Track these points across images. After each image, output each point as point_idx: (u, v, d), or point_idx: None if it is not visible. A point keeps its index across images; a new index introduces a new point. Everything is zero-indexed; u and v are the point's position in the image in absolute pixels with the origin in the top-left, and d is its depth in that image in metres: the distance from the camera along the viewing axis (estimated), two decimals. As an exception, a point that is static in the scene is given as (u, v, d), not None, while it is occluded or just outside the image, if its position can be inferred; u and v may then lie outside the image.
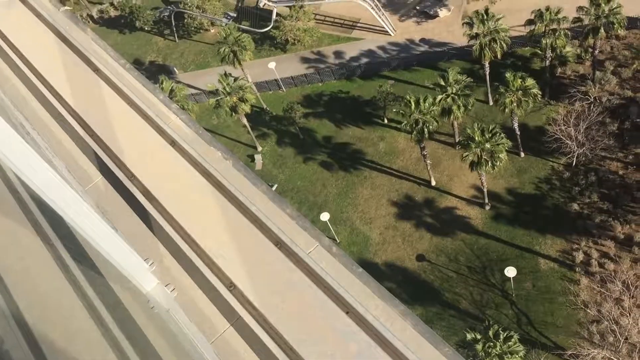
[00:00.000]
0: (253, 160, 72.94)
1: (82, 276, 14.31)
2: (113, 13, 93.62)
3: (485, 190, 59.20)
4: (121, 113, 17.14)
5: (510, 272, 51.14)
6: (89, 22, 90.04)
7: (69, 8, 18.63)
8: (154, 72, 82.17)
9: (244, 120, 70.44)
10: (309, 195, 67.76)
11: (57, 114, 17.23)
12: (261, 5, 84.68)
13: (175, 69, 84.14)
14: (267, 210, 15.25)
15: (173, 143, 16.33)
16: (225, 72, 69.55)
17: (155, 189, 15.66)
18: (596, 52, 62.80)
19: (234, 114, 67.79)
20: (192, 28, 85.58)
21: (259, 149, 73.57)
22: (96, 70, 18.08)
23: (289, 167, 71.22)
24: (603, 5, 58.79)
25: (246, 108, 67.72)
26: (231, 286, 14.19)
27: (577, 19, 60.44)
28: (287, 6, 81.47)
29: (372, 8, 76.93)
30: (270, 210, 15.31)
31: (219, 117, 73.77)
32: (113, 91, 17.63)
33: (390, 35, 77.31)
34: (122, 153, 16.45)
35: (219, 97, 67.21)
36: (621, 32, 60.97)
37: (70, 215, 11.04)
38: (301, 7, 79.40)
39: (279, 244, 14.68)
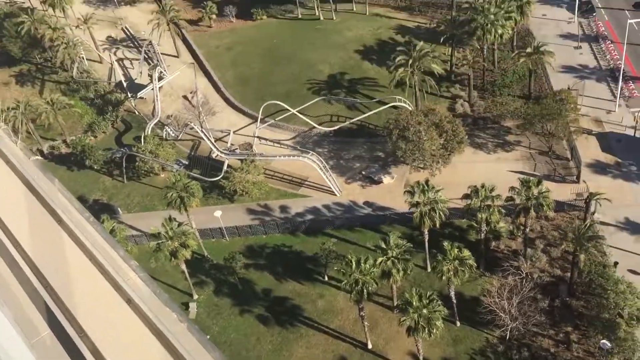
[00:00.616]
0: (187, 308, 71.01)
1: None
2: (64, 150, 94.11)
3: (421, 357, 59.03)
4: (79, 266, 17.06)
5: None
6: (37, 156, 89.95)
7: (39, 157, 19.16)
8: (97, 210, 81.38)
9: (183, 267, 69.54)
10: (242, 349, 65.77)
11: (11, 261, 16.97)
12: (214, 155, 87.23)
13: (119, 209, 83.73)
14: (219, 379, 15.00)
15: (129, 301, 16.21)
16: (170, 216, 69.75)
17: (105, 348, 15.23)
18: (527, 230, 66.57)
19: (173, 259, 67.03)
20: (143, 171, 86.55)
21: (195, 297, 72.02)
22: (59, 221, 18.19)
23: (224, 318, 69.56)
24: (533, 187, 63.51)
25: (187, 254, 67.23)
26: None
27: (510, 198, 64.72)
28: (239, 159, 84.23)
29: (321, 169, 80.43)
30: (222, 379, 15.06)
31: (157, 261, 72.47)
32: (74, 243, 17.66)
33: (336, 195, 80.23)
34: (75, 307, 16.13)
35: (161, 241, 66.74)
36: (550, 213, 65.38)
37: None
38: (252, 161, 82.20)
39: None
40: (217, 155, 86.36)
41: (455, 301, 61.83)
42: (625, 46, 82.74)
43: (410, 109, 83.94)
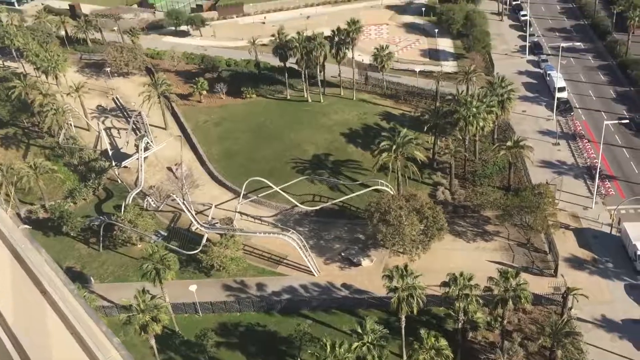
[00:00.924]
0: (154, 387, 68.46)
1: None
2: (42, 215, 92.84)
3: None
4: (60, 339, 16.69)
5: None
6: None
7: (28, 227, 19.06)
8: (69, 278, 79.58)
9: (152, 342, 67.49)
10: None
11: (-10, 331, 16.57)
12: (193, 228, 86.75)
13: (92, 278, 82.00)
14: None
15: (108, 380, 15.83)
16: (144, 288, 68.46)
17: None
18: (505, 322, 66.22)
19: (143, 333, 65.23)
20: (120, 240, 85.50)
21: (163, 375, 69.69)
22: (44, 292, 17.96)
23: (191, 400, 67.13)
24: (511, 279, 63.73)
25: (157, 329, 65.52)
26: None
27: (488, 288, 64.71)
28: (218, 233, 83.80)
29: (300, 248, 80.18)
30: None
31: (126, 335, 70.37)
32: (57, 316, 17.36)
33: (314, 275, 79.61)
34: (53, 385, 15.67)
35: (131, 314, 65.18)
36: (527, 306, 65.30)
37: None
38: (232, 236, 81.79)
39: None
40: (197, 228, 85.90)
41: (432, 396, 60.39)
42: (601, 145, 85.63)
43: (392, 193, 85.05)
